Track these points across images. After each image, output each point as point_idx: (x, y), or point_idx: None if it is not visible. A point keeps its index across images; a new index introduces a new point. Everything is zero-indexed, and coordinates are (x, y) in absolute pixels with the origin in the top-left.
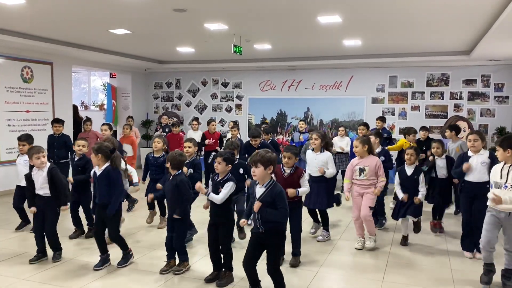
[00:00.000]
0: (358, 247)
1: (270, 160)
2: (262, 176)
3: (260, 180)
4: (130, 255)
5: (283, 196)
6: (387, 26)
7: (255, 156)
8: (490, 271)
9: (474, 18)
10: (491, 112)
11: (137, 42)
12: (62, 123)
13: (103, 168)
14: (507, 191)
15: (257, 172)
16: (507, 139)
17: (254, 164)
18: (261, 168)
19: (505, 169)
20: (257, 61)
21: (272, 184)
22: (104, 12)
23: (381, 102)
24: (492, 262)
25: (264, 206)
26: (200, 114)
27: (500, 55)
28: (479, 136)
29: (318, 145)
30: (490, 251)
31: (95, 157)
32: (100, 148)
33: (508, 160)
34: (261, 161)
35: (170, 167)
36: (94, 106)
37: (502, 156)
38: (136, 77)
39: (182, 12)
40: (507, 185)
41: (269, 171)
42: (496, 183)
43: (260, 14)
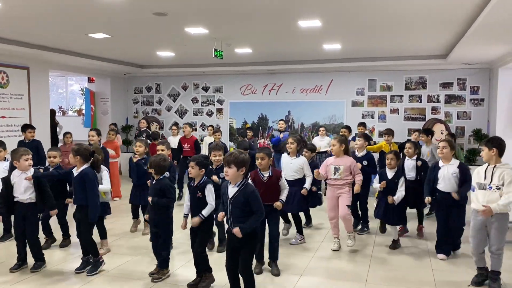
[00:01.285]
0: (334, 248)
1: (243, 161)
2: (235, 176)
3: (232, 180)
4: (100, 262)
5: (256, 196)
6: (365, 31)
7: (228, 156)
8: (482, 274)
9: (450, 23)
10: (467, 115)
11: (116, 46)
12: (34, 129)
13: (80, 169)
14: (491, 192)
15: (230, 173)
16: (493, 139)
17: (228, 164)
18: (234, 169)
19: (489, 170)
20: (237, 65)
21: (245, 183)
22: (82, 16)
23: (360, 105)
24: (484, 266)
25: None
26: (181, 119)
27: (475, 59)
28: (448, 143)
29: (294, 149)
30: (480, 255)
31: (73, 158)
32: (79, 150)
33: (492, 160)
34: (235, 162)
35: (154, 172)
36: (72, 111)
37: (487, 155)
38: (115, 81)
39: (162, 16)
40: (492, 186)
41: (241, 172)
42: (480, 184)
43: (240, 18)
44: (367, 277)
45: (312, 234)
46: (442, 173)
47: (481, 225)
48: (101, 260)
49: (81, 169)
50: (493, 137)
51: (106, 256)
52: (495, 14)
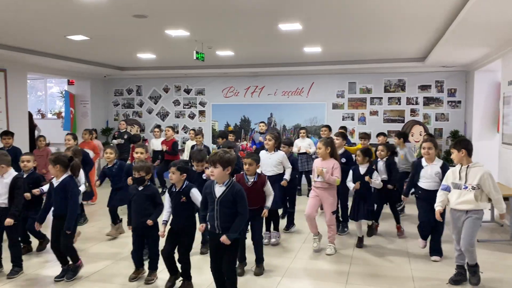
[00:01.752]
0: (315, 247)
1: (229, 160)
2: (221, 176)
3: (219, 180)
4: (80, 267)
5: (243, 196)
6: (345, 35)
7: (214, 156)
8: (460, 273)
9: (427, 27)
10: (445, 117)
11: (96, 49)
12: (11, 135)
13: (61, 179)
14: (467, 192)
15: (216, 172)
16: (460, 141)
17: (213, 164)
18: (220, 168)
19: (463, 170)
20: (220, 68)
21: (232, 182)
22: (61, 18)
23: (341, 107)
24: (462, 264)
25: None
26: (163, 121)
27: (452, 62)
28: (433, 144)
29: (271, 145)
30: (460, 252)
31: (53, 168)
32: (58, 158)
33: (463, 161)
34: (220, 162)
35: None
36: (52, 114)
37: (457, 157)
38: (95, 84)
39: (143, 19)
40: (467, 185)
41: (227, 171)
42: (455, 184)
43: (221, 21)
44: (347, 277)
45: (293, 235)
46: (425, 172)
47: (459, 222)
48: (81, 265)
49: (62, 178)
50: (459, 139)
51: (86, 261)
52: (470, 18)
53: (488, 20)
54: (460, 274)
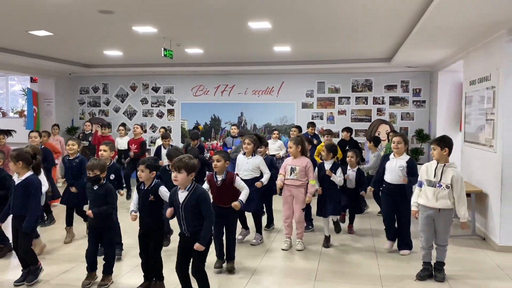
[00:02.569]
0: (284, 247)
1: (193, 166)
2: (184, 181)
3: (182, 185)
4: (40, 269)
5: (206, 198)
6: (313, 34)
7: (178, 162)
8: (427, 269)
9: (393, 28)
10: (410, 116)
11: (60, 45)
12: None
13: (24, 176)
14: (441, 190)
15: (180, 178)
16: (443, 139)
17: (178, 169)
18: (184, 174)
19: (439, 168)
20: (189, 66)
21: (194, 186)
22: (21, 11)
23: (310, 107)
24: (429, 261)
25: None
26: (130, 120)
27: (417, 62)
28: (403, 139)
29: (250, 149)
30: (429, 250)
31: (14, 165)
32: (20, 154)
33: (442, 159)
34: (185, 167)
35: (102, 174)
36: (14, 113)
37: (438, 154)
38: (60, 81)
39: (109, 14)
40: (441, 184)
41: (191, 177)
42: (429, 181)
43: (190, 17)
44: (316, 274)
45: (272, 234)
46: (389, 165)
47: (429, 220)
48: (41, 267)
49: (25, 176)
50: (443, 136)
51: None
52: (431, 22)
53: (449, 23)
54: (426, 270)
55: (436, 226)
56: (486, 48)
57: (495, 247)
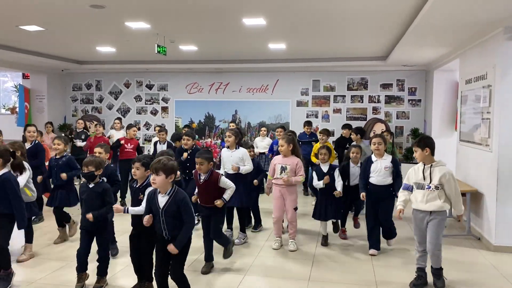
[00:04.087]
0: (275, 247)
1: (173, 168)
2: (163, 184)
3: (161, 188)
4: (11, 275)
5: (187, 203)
6: (309, 31)
7: (156, 163)
8: (421, 276)
9: (388, 26)
10: (406, 115)
11: (52, 41)
12: None
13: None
14: (430, 192)
15: (158, 180)
16: (423, 139)
17: (155, 171)
18: (163, 176)
19: (427, 169)
20: (183, 63)
21: (175, 191)
22: (10, 5)
23: (305, 105)
24: (423, 266)
25: None
26: (123, 117)
27: (413, 61)
28: (382, 139)
29: (232, 142)
30: (422, 253)
31: None
32: (4, 151)
33: (427, 160)
34: (163, 169)
35: (96, 172)
36: (5, 110)
37: (420, 156)
38: (52, 78)
39: (100, 9)
40: (431, 185)
41: (170, 179)
42: (418, 184)
43: (183, 13)
44: (310, 275)
45: (256, 234)
46: (375, 167)
47: (422, 223)
48: (12, 273)
49: (1, 173)
50: (422, 137)
51: (37, 263)
52: (428, 19)
53: (445, 22)
54: (420, 277)
55: (427, 232)
56: (482, 46)
57: (490, 247)
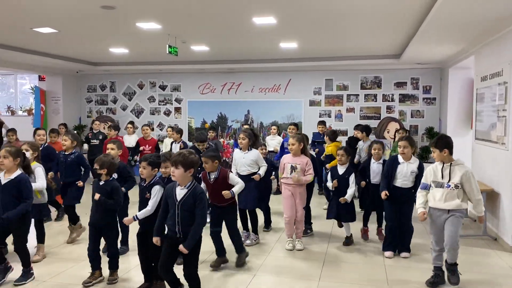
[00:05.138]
0: (289, 248)
1: (192, 162)
2: (182, 177)
3: (180, 181)
4: (31, 273)
5: (203, 199)
6: (320, 30)
7: (177, 156)
8: (438, 275)
9: (401, 23)
10: (421, 113)
11: (66, 42)
12: None
13: (14, 175)
14: (449, 191)
15: (176, 173)
16: (441, 139)
17: (175, 164)
18: (181, 169)
19: (446, 168)
20: (195, 64)
21: (194, 185)
22: (24, 7)
23: (318, 104)
24: (439, 266)
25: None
26: (137, 118)
27: (427, 59)
28: (409, 142)
29: (245, 144)
30: (440, 252)
31: (12, 162)
32: (19, 151)
33: (446, 159)
34: (182, 163)
35: (105, 173)
36: (22, 111)
37: (439, 157)
38: (67, 79)
39: (111, 10)
40: (450, 184)
41: (189, 173)
42: (437, 183)
43: (194, 13)
44: (320, 275)
45: (266, 234)
46: (401, 169)
47: (439, 222)
48: (32, 271)
49: (14, 175)
50: (440, 137)
51: (48, 264)
52: (441, 16)
53: (459, 18)
54: (437, 276)
55: (445, 228)
56: (497, 42)
57: (507, 248)
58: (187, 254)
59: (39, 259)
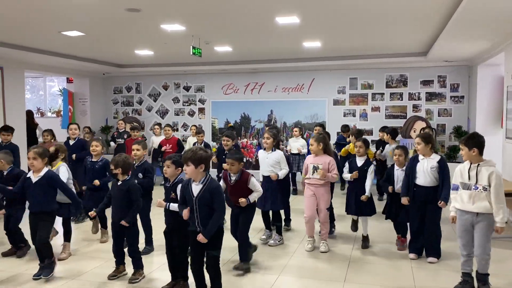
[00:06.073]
0: (308, 249)
1: (201, 158)
2: (194, 174)
3: (194, 177)
4: (54, 264)
5: (220, 193)
6: (344, 28)
7: (187, 153)
8: (467, 281)
9: (428, 19)
10: (448, 112)
11: (93, 45)
12: (11, 131)
13: (42, 173)
14: (477, 193)
15: (188, 170)
16: (471, 138)
17: (185, 162)
18: (192, 166)
19: (473, 169)
20: (218, 64)
21: (209, 179)
22: (52, 12)
23: (342, 104)
24: (469, 272)
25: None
26: (162, 119)
27: (454, 56)
28: (422, 139)
29: (270, 144)
30: (468, 256)
31: (41, 162)
32: (45, 150)
33: (474, 159)
34: (192, 159)
35: (121, 172)
36: (51, 113)
37: (467, 155)
38: (94, 81)
39: (136, 12)
40: (478, 186)
41: (200, 169)
42: (464, 184)
43: (217, 14)
44: (345, 277)
45: (290, 234)
46: (420, 167)
47: (467, 225)
48: (55, 262)
49: (44, 172)
50: (472, 135)
51: (76, 263)
52: (470, 10)
53: (489, 12)
54: (466, 282)
55: (475, 232)
56: None
57: None
58: (208, 245)
59: (66, 257)
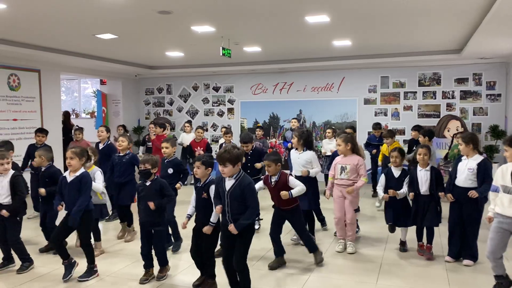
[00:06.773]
0: (339, 249)
1: (238, 157)
2: (232, 173)
3: (230, 175)
4: (94, 270)
5: (252, 190)
6: (376, 26)
7: (223, 154)
8: (501, 284)
9: (463, 14)
10: (484, 111)
11: (125, 47)
12: (45, 133)
13: (78, 173)
14: None
15: (226, 171)
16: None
17: (222, 163)
18: (230, 166)
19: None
20: (247, 64)
21: (241, 175)
22: (86, 16)
23: (373, 103)
24: (501, 274)
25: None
26: (192, 119)
27: (491, 52)
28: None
29: (295, 143)
30: (497, 261)
31: (78, 161)
32: (83, 150)
33: None
34: (230, 160)
35: (154, 171)
36: (85, 114)
37: (510, 156)
38: (127, 83)
39: (167, 15)
40: None
41: (237, 167)
42: (505, 187)
43: (247, 15)
44: (377, 279)
45: (323, 234)
46: (460, 166)
47: (502, 230)
48: (95, 269)
49: (79, 172)
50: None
51: (104, 262)
52: (508, 4)
53: None
54: (500, 284)
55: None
56: None
57: None
58: (238, 243)
59: (97, 254)
